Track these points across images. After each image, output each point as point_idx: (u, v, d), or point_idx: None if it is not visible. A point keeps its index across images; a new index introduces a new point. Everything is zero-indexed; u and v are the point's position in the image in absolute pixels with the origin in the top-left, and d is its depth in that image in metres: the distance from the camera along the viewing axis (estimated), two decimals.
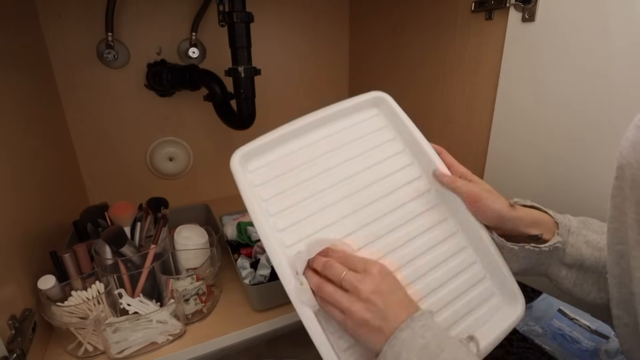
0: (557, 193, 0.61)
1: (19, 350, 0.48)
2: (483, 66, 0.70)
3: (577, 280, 0.44)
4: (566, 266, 0.44)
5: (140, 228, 0.62)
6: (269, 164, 0.46)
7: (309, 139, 0.48)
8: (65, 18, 0.77)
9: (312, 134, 0.48)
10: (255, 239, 0.75)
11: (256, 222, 0.42)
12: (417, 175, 0.49)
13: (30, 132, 0.65)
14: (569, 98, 0.57)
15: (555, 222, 0.44)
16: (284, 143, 0.47)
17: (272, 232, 0.42)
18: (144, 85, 0.88)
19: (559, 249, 0.43)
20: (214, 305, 0.65)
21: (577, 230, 0.44)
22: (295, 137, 0.47)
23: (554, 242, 0.43)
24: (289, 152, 0.47)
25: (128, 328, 0.55)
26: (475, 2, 0.68)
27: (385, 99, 0.51)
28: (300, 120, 0.48)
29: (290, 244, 0.42)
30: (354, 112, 0.50)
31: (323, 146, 0.48)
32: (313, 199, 0.44)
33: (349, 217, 0.44)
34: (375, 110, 0.51)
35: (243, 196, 0.43)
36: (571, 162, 0.58)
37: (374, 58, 1.01)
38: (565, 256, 0.43)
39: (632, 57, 0.48)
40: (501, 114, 0.68)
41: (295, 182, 0.45)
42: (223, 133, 0.99)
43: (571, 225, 0.44)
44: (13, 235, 0.54)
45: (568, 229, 0.44)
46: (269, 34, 0.97)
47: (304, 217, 0.43)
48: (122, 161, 0.92)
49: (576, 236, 0.43)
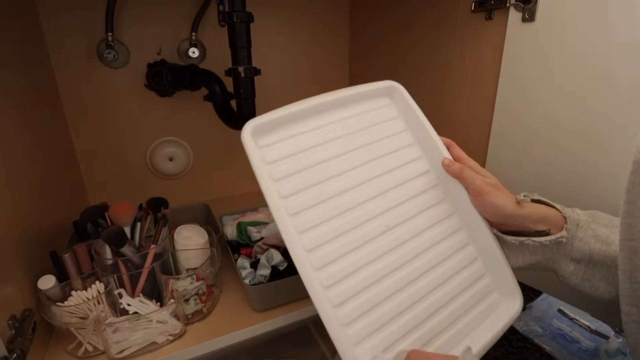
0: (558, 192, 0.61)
1: (19, 350, 0.48)
2: (483, 66, 0.70)
3: (586, 275, 0.44)
4: (574, 261, 0.44)
5: (140, 228, 0.62)
6: (280, 141, 0.44)
7: (319, 121, 0.46)
8: (65, 18, 0.77)
9: (323, 116, 0.47)
10: (255, 239, 0.75)
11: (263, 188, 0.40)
12: (426, 169, 0.48)
13: (30, 132, 0.65)
14: (569, 98, 0.57)
15: (563, 217, 0.43)
16: (295, 121, 0.45)
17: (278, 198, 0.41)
18: (144, 85, 0.88)
19: (566, 244, 0.43)
20: (214, 305, 0.65)
21: (585, 225, 0.43)
22: (305, 117, 0.46)
23: (557, 236, 0.42)
24: (299, 132, 0.45)
25: (128, 328, 0.55)
26: (475, 2, 0.68)
27: (398, 89, 0.50)
28: (312, 99, 0.46)
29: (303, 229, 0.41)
30: (366, 99, 0.49)
31: (333, 130, 0.46)
32: (323, 184, 0.43)
33: (359, 207, 0.43)
34: (387, 100, 0.51)
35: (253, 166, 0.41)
36: (571, 161, 0.58)
37: (374, 58, 1.01)
38: (573, 250, 0.43)
39: (633, 56, 0.48)
40: (501, 114, 0.68)
41: (305, 164, 0.44)
42: (223, 133, 0.99)
43: (580, 219, 0.43)
44: (13, 235, 0.54)
45: (577, 223, 0.43)
46: (269, 34, 0.97)
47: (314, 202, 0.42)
48: (122, 161, 0.92)
49: (585, 230, 0.43)
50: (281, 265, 0.66)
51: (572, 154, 0.58)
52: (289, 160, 0.43)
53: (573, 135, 0.57)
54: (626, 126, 0.51)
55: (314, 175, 0.43)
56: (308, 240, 0.40)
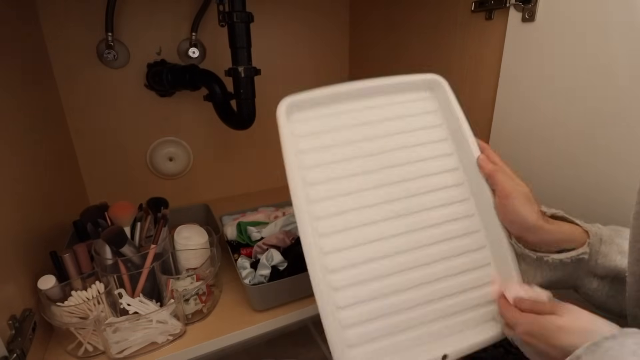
0: (557, 192, 0.61)
1: (19, 350, 0.48)
2: (483, 66, 0.70)
3: (611, 292, 0.41)
4: (598, 277, 0.41)
5: (140, 228, 0.62)
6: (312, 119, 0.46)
7: (354, 105, 0.47)
8: (65, 18, 0.77)
9: (359, 101, 0.48)
10: (255, 239, 0.75)
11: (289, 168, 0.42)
12: (454, 167, 0.48)
13: (30, 132, 0.65)
14: (569, 97, 0.57)
15: (584, 232, 0.42)
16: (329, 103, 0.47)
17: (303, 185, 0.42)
18: (144, 85, 0.88)
19: (589, 260, 0.40)
20: (214, 305, 0.65)
21: (609, 239, 0.41)
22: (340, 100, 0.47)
23: (578, 252, 0.40)
24: (332, 112, 0.47)
25: (128, 328, 0.55)
26: (475, 2, 0.68)
27: (442, 83, 0.51)
28: (349, 84, 0.48)
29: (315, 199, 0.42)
30: (405, 91, 0.50)
31: (369, 115, 0.47)
32: (345, 162, 0.45)
33: (379, 189, 0.45)
34: (427, 93, 0.51)
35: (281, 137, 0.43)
36: (571, 160, 0.58)
37: (374, 58, 1.01)
38: (597, 267, 0.41)
39: (633, 56, 0.48)
40: (501, 114, 0.68)
41: (332, 142, 0.45)
42: (223, 133, 0.99)
43: (602, 233, 0.41)
44: (13, 235, 0.54)
45: (600, 238, 0.41)
46: (269, 34, 0.97)
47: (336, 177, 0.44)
48: (122, 161, 0.92)
49: (609, 245, 0.40)
50: (281, 265, 0.66)
51: (573, 154, 0.58)
52: (315, 137, 0.45)
53: (573, 135, 0.57)
54: (626, 126, 0.51)
55: (338, 153, 0.45)
56: (319, 209, 0.42)
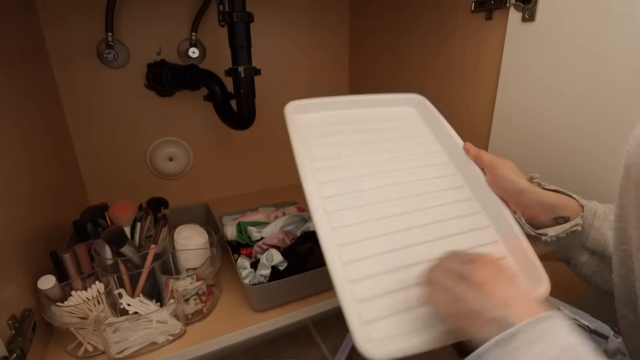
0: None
1: (19, 350, 0.48)
2: (483, 66, 0.70)
3: (598, 267, 0.43)
4: (588, 251, 0.43)
5: (140, 228, 0.62)
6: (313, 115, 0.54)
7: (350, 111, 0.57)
8: (65, 18, 0.77)
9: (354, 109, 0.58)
10: (255, 239, 0.75)
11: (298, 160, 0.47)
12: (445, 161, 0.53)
13: (30, 132, 0.65)
14: (569, 97, 0.57)
15: (580, 206, 0.43)
16: (327, 109, 0.56)
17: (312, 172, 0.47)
18: (144, 85, 0.88)
19: (581, 232, 0.42)
20: (214, 305, 0.65)
21: (603, 215, 0.42)
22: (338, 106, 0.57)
23: (572, 224, 0.42)
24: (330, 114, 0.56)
25: (128, 328, 0.54)
26: (475, 2, 0.68)
27: (423, 100, 0.60)
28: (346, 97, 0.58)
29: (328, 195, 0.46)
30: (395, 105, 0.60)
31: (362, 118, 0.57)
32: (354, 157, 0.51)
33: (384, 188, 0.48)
34: (411, 109, 0.61)
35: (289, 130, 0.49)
36: (572, 160, 0.58)
37: (374, 58, 1.01)
38: (589, 240, 0.42)
39: (633, 56, 0.48)
40: (501, 114, 0.68)
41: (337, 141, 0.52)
42: (223, 133, 0.99)
43: (597, 209, 0.42)
44: (13, 235, 0.54)
45: (594, 213, 0.42)
46: (269, 34, 0.97)
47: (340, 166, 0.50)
48: (122, 161, 0.92)
49: (602, 221, 0.42)
50: (281, 265, 0.66)
51: (573, 153, 0.58)
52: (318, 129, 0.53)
53: (573, 134, 0.57)
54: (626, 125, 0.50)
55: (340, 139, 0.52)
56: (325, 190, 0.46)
